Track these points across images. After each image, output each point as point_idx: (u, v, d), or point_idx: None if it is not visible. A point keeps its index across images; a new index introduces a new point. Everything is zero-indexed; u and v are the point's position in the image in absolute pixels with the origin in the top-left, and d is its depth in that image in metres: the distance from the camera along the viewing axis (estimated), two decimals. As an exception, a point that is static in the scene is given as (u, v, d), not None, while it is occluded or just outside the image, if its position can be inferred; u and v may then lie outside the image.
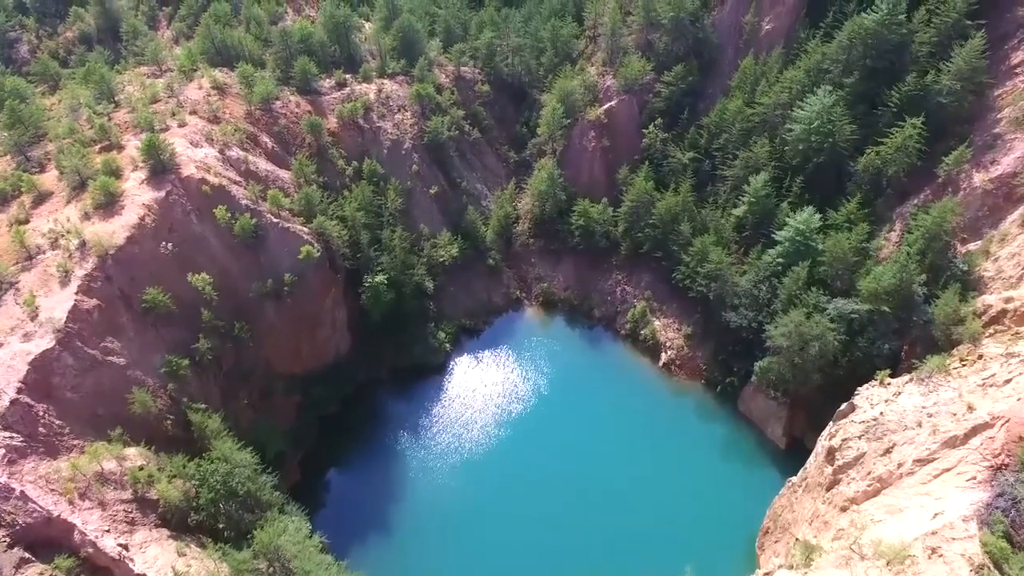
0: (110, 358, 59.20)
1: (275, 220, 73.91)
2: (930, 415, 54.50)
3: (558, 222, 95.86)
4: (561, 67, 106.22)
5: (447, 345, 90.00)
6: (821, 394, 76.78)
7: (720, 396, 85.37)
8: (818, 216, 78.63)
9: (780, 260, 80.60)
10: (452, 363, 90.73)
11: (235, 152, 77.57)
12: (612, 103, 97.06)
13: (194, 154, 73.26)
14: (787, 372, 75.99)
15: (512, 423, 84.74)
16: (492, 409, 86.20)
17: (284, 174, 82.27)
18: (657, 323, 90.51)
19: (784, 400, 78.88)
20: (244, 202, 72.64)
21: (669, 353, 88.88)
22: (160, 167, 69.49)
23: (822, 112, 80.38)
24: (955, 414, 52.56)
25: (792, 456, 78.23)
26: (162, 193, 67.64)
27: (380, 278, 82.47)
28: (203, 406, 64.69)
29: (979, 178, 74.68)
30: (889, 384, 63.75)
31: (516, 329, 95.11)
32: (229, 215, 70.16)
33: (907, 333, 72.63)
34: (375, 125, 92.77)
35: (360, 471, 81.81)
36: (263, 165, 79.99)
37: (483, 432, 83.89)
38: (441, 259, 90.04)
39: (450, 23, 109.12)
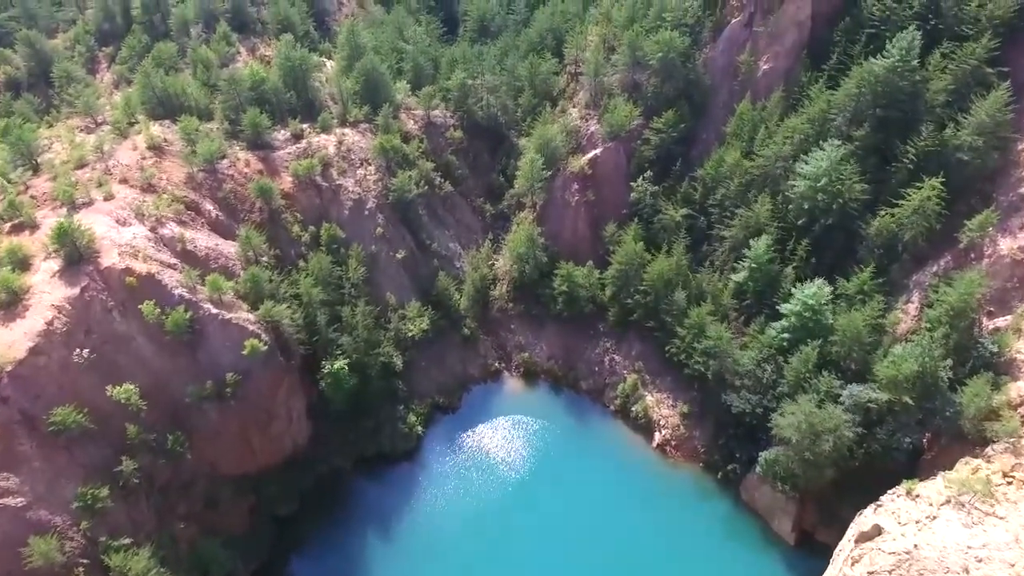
0: (4, 500, 49.77)
1: (214, 311, 64.56)
2: (979, 560, 46.57)
3: (540, 285, 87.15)
4: (540, 108, 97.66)
5: (419, 428, 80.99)
6: (835, 487, 69.07)
7: (721, 482, 77.14)
8: (828, 289, 70.56)
9: (786, 336, 72.60)
10: (424, 448, 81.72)
11: (169, 229, 68.14)
12: (597, 151, 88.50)
13: (119, 236, 63.83)
14: (796, 467, 67.87)
15: (491, 514, 75.91)
16: (469, 499, 77.39)
17: (230, 248, 72.92)
18: (650, 398, 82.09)
19: (793, 495, 70.68)
20: (178, 291, 63.26)
21: (663, 433, 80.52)
22: (76, 255, 60.04)
23: (829, 169, 72.41)
24: (1013, 565, 44.69)
25: (803, 554, 70.72)
26: (76, 290, 58.21)
27: (340, 363, 73.38)
28: (127, 541, 55.42)
29: (1006, 245, 67.24)
30: (918, 497, 55.91)
31: (495, 404, 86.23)
32: (158, 311, 60.78)
33: (930, 423, 64.85)
34: (335, 183, 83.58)
35: (322, 578, 72.81)
36: (204, 241, 70.57)
37: (459, 526, 74.95)
38: (410, 333, 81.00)
39: (419, 61, 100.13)
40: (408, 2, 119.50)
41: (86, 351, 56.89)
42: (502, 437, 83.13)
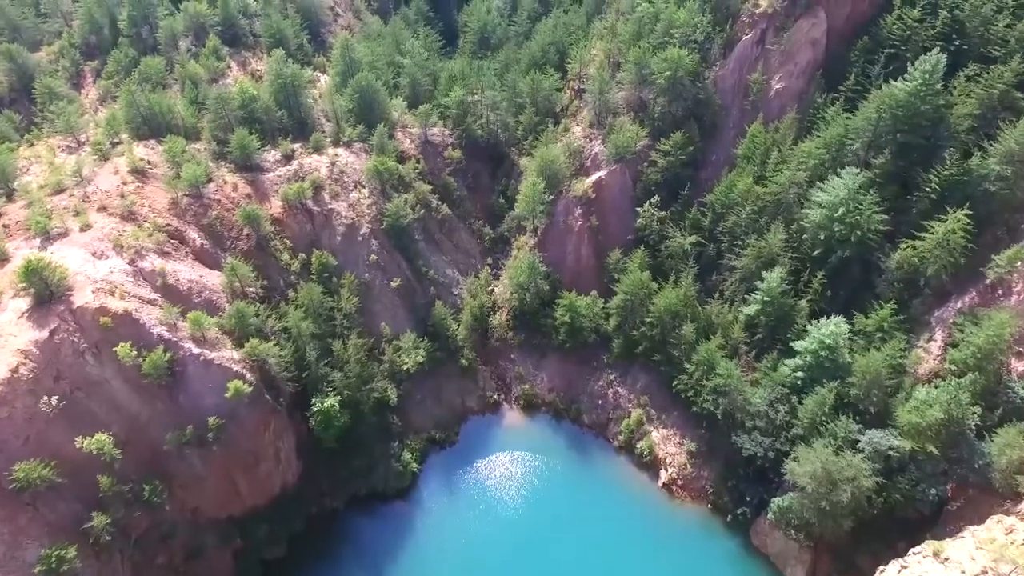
0: (-39, 569, 46.17)
1: (196, 351, 60.84)
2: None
3: (541, 314, 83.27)
4: (542, 126, 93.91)
5: (414, 465, 77.15)
6: (852, 534, 65.21)
7: (730, 525, 73.27)
8: (846, 327, 66.68)
9: (800, 375, 68.79)
10: (420, 486, 77.92)
11: (149, 262, 64.40)
12: (601, 174, 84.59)
13: (95, 271, 60.10)
14: (812, 516, 64.07)
15: (490, 555, 72.20)
16: (466, 540, 73.61)
17: (214, 279, 69.18)
18: (655, 434, 78.29)
19: (807, 544, 66.91)
20: (156, 330, 59.57)
21: (670, 471, 76.68)
22: (47, 293, 56.33)
23: (847, 198, 68.52)
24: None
25: (818, 605, 66.83)
26: (45, 332, 54.50)
27: (331, 401, 69.77)
28: (97, 604, 51.78)
29: (1036, 281, 63.32)
30: (947, 560, 52.07)
31: (494, 438, 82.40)
32: (135, 352, 57.01)
33: (956, 472, 61.05)
34: (327, 207, 79.81)
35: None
36: (186, 273, 66.84)
37: (456, 569, 71.36)
38: (405, 366, 77.24)
39: (416, 76, 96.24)
40: (406, 13, 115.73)
41: (55, 399, 53.21)
42: (501, 474, 79.35)
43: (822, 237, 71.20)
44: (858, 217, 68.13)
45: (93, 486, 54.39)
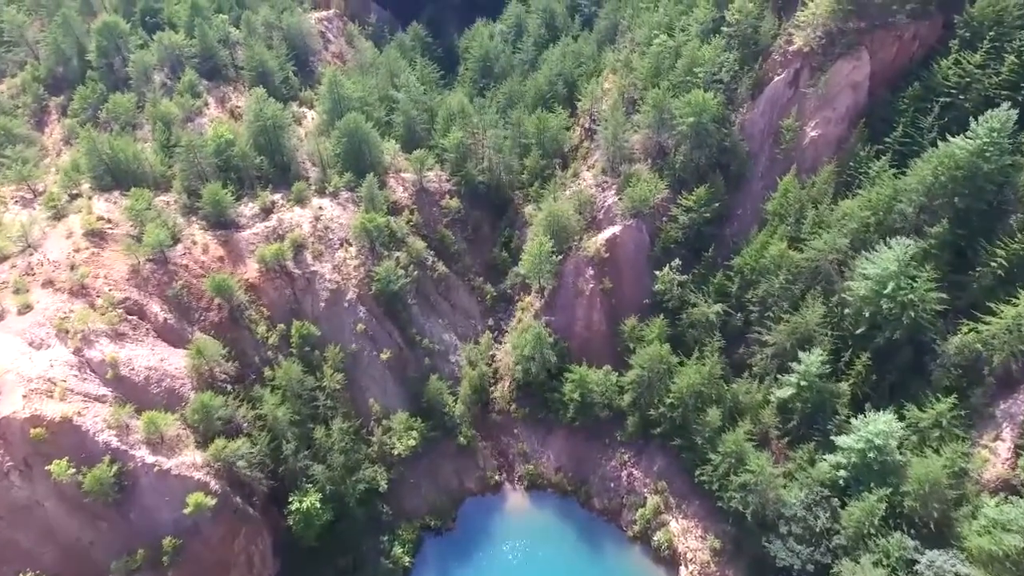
0: None
1: (150, 460, 52.74)
2: None
3: (547, 387, 74.90)
4: (550, 170, 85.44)
5: (406, 559, 69.03)
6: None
7: (762, 635, 65.02)
8: (899, 425, 58.21)
9: (843, 474, 60.36)
10: (412, 579, 69.99)
11: (99, 349, 56.22)
12: (615, 230, 75.95)
13: (30, 367, 52.01)
14: (862, 645, 55.78)
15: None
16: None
17: (178, 361, 60.95)
18: (674, 525, 70.00)
19: (855, 672, 58.51)
20: (103, 436, 51.51)
21: (691, 568, 68.38)
22: (-29, 402, 48.31)
23: (898, 272, 59.88)
24: None
25: None
26: (-36, 453, 46.40)
27: (312, 499, 61.72)
28: None
29: (1121, 377, 54.75)
30: None
31: (494, 524, 74.13)
32: (73, 470, 48.84)
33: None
34: (309, 269, 71.52)
35: None
36: (144, 359, 58.62)
37: None
38: (396, 451, 69.01)
39: (411, 114, 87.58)
40: (402, 39, 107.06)
41: (-27, 534, 45.18)
42: (501, 566, 71.04)
43: (867, 314, 62.58)
44: (911, 295, 59.53)
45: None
